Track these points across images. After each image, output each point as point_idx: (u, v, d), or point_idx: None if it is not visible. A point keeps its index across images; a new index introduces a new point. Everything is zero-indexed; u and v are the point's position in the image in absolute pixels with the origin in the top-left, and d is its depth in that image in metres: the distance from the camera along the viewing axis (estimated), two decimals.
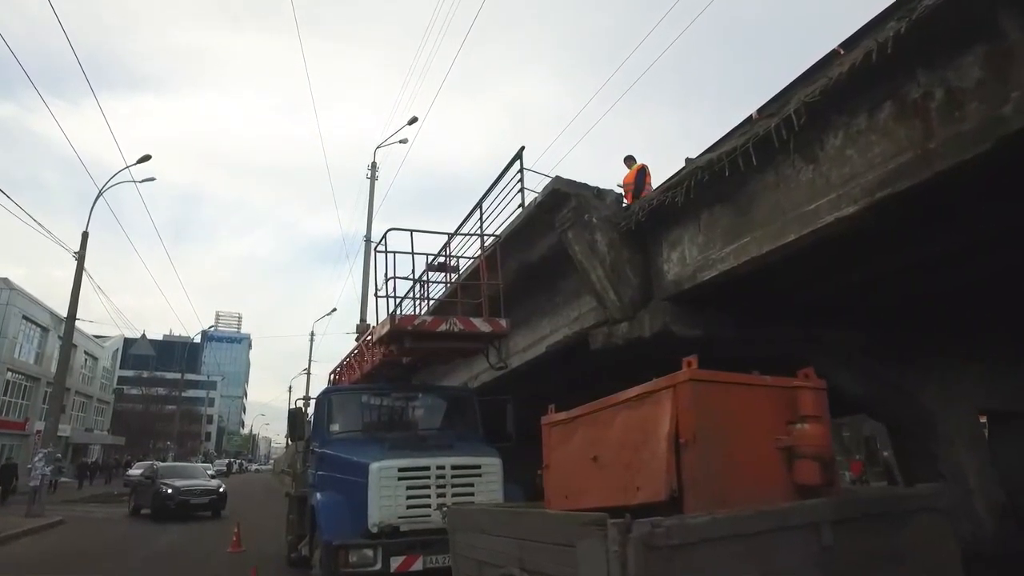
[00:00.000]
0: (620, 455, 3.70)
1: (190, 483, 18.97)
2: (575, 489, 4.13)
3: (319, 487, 7.60)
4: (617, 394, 3.90)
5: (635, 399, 3.70)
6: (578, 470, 4.12)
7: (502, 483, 7.05)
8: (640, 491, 3.41)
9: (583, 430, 4.18)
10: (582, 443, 4.15)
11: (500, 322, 6.77)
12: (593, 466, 3.94)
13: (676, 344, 7.98)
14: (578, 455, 4.16)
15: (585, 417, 4.18)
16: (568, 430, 4.36)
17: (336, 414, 8.15)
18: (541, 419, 4.73)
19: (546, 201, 8.40)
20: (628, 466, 3.59)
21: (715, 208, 7.24)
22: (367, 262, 26.65)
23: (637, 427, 3.59)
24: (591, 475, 3.96)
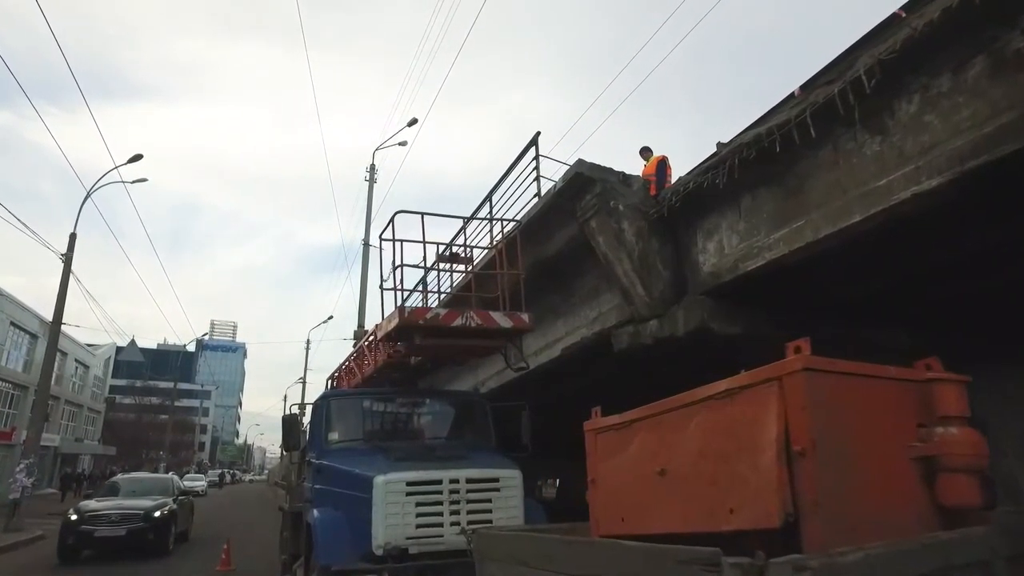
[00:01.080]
0: (700, 468, 2.94)
1: (111, 506, 12.64)
2: (634, 510, 3.37)
3: (316, 502, 6.80)
4: (690, 392, 3.14)
5: (720, 396, 2.94)
6: (638, 486, 3.35)
7: (522, 498, 6.28)
8: (735, 514, 2.65)
9: (643, 437, 3.42)
10: (642, 453, 3.39)
11: (522, 317, 6.03)
12: (659, 481, 3.17)
13: (713, 343, 7.25)
14: (637, 467, 3.39)
15: (646, 421, 3.42)
16: (621, 437, 3.60)
17: (335, 421, 7.35)
18: (584, 424, 3.96)
19: (567, 187, 7.67)
20: (713, 482, 2.83)
21: (759, 191, 6.52)
22: (365, 266, 25.96)
23: (725, 432, 2.84)
24: (657, 492, 3.19)
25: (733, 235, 6.83)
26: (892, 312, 7.83)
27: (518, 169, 8.86)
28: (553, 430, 8.57)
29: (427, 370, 7.77)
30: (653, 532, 3.15)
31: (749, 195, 6.64)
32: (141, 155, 21.71)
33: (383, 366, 7.47)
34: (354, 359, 9.47)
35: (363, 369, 8.75)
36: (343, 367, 10.90)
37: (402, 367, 7.65)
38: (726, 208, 6.94)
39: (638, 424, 3.48)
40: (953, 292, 7.21)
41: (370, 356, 8.27)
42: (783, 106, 6.89)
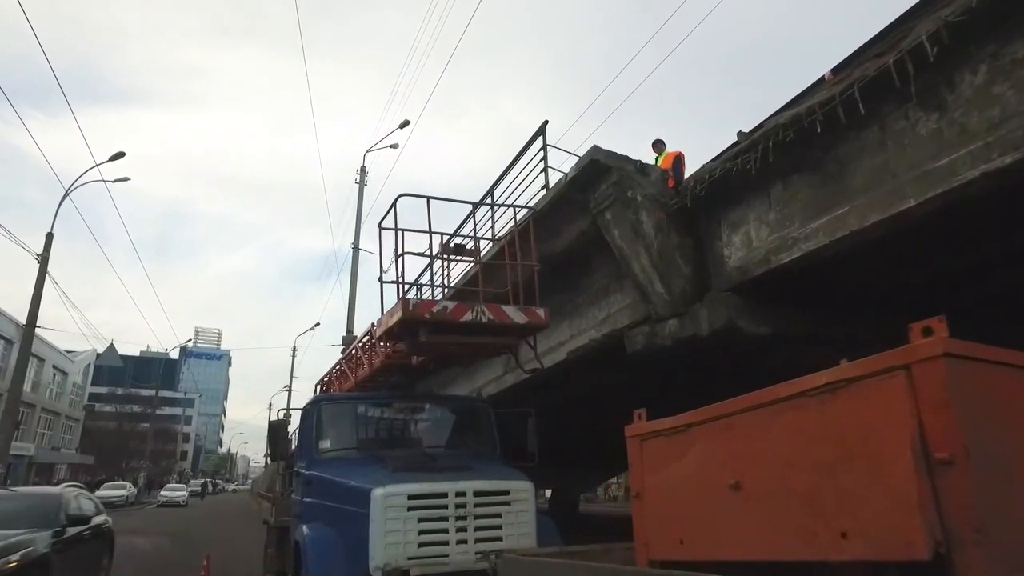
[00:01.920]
0: (791, 481, 2.38)
1: None
2: (697, 530, 2.80)
3: (305, 517, 6.17)
4: (769, 390, 2.58)
5: (816, 393, 2.37)
6: (701, 502, 2.79)
7: (535, 513, 5.69)
8: (851, 540, 2.09)
9: (706, 443, 2.85)
10: (706, 462, 2.82)
11: (537, 312, 5.46)
12: (732, 497, 2.61)
13: (738, 344, 6.73)
14: (699, 480, 2.83)
15: (710, 425, 2.85)
16: (676, 444, 3.03)
17: (327, 428, 6.72)
18: (626, 429, 3.39)
19: (581, 176, 7.14)
20: (812, 499, 2.27)
21: (792, 179, 6.02)
22: (355, 270, 25.32)
23: (826, 436, 2.28)
24: (728, 511, 2.63)
25: (762, 227, 6.32)
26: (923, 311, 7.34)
27: (523, 161, 8.33)
28: (542, 438, 8.06)
29: (429, 371, 7.17)
30: (724, 559, 2.58)
31: (780, 183, 6.14)
32: (123, 152, 20.97)
33: (380, 368, 6.87)
34: (346, 362, 8.84)
35: (358, 372, 8.13)
36: (334, 371, 10.27)
37: (401, 369, 7.04)
38: (754, 198, 6.44)
39: (699, 428, 2.91)
40: (1008, 287, 6.73)
41: (365, 358, 7.66)
42: (812, 92, 6.41)
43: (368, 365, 7.37)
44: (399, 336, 5.45)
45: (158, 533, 19.34)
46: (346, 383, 8.94)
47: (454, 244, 6.42)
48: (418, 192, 5.52)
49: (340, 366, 9.23)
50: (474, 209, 6.35)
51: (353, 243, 25.60)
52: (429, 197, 5.56)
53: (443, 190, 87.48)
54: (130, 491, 37.00)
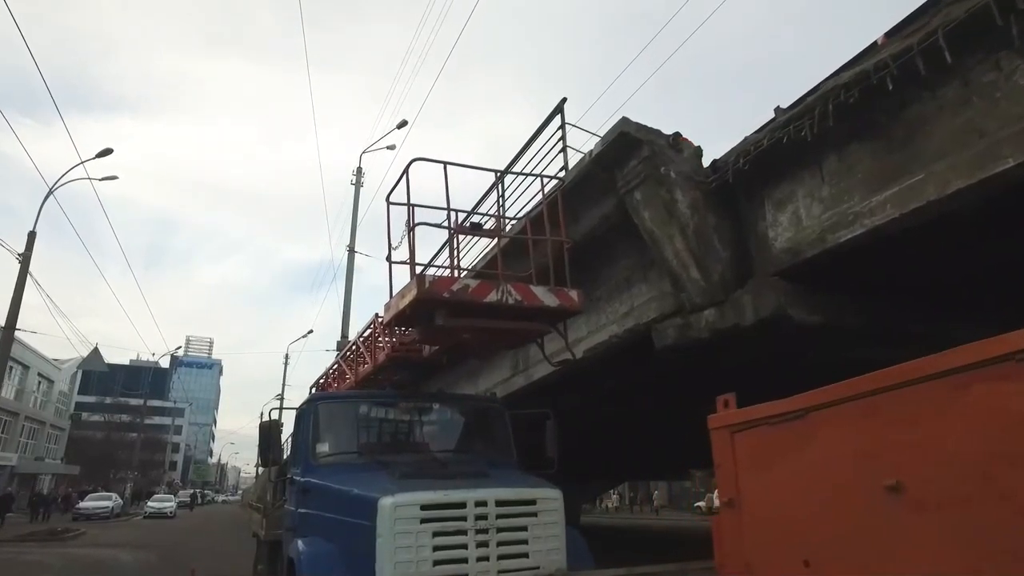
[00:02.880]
0: (996, 482, 1.69)
1: None
2: (833, 548, 2.10)
3: (300, 530, 5.44)
4: (931, 359, 1.90)
5: (1018, 358, 1.70)
6: (838, 510, 2.10)
7: (564, 526, 4.98)
8: None
9: (840, 431, 2.17)
10: (839, 456, 2.14)
11: (570, 294, 4.78)
12: (888, 503, 1.92)
13: (785, 336, 6.05)
14: (831, 480, 2.14)
15: (844, 406, 2.16)
16: (787, 435, 2.35)
17: (325, 430, 6.00)
18: (709, 420, 2.71)
19: (608, 151, 6.46)
20: None
21: (849, 148, 5.36)
22: (350, 274, 24.58)
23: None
24: (884, 521, 1.94)
25: (814, 203, 5.66)
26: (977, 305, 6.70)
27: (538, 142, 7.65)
28: None
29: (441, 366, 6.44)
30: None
31: (835, 155, 5.48)
32: (111, 149, 20.23)
33: (385, 363, 6.14)
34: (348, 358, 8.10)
35: (357, 370, 7.40)
36: (331, 371, 9.54)
37: (407, 365, 6.32)
38: (803, 172, 5.78)
39: (824, 413, 2.22)
40: None
41: (367, 353, 6.93)
42: (866, 56, 5.76)
43: (371, 360, 6.64)
44: (411, 321, 4.73)
45: (143, 546, 18.44)
46: (344, 383, 8.21)
47: (470, 223, 5.73)
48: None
49: (338, 364, 8.49)
50: (499, 179, 5.65)
51: (349, 246, 24.91)
52: (446, 163, 4.89)
53: (438, 197, 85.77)
54: (116, 502, 35.89)
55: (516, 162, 7.73)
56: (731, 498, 2.54)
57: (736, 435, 2.59)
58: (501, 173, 5.68)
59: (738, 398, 2.59)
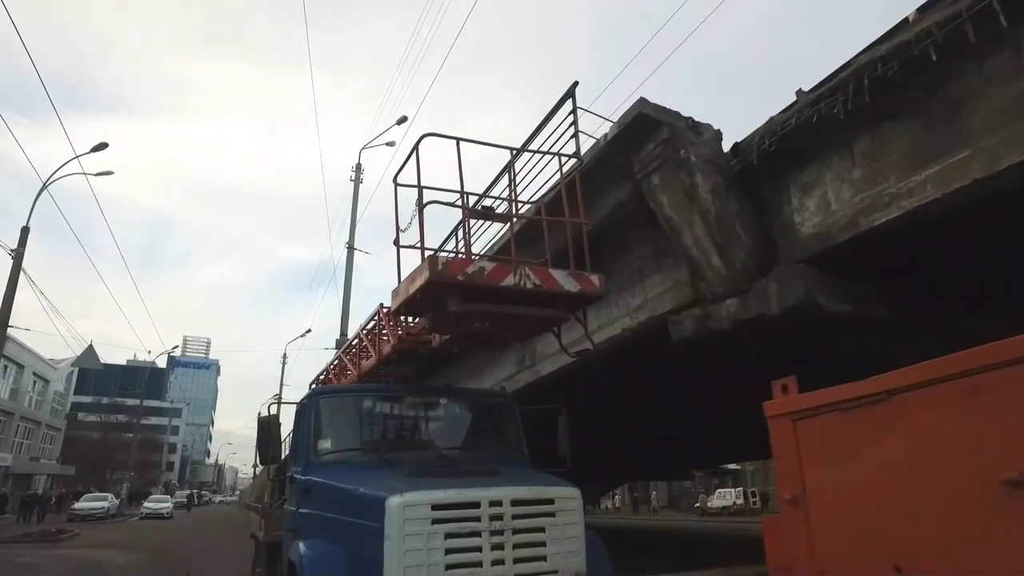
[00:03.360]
0: None
1: None
2: (934, 551, 1.80)
3: (301, 532, 5.13)
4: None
5: None
6: (937, 507, 1.79)
7: (583, 527, 4.68)
8: None
9: (932, 417, 1.86)
10: (935, 445, 1.83)
11: (591, 278, 4.48)
12: (1008, 499, 1.61)
13: (811, 327, 5.76)
14: (926, 473, 1.84)
15: (936, 388, 1.86)
16: (865, 421, 2.04)
17: (327, 426, 5.69)
18: (766, 407, 2.40)
19: (624, 134, 6.16)
20: None
21: (883, 127, 5.07)
22: (349, 271, 24.27)
23: None
24: (1003, 520, 1.64)
25: (843, 186, 5.36)
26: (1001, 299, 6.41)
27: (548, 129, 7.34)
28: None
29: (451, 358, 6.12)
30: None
31: (867, 134, 5.19)
32: (106, 144, 19.88)
33: (392, 354, 5.82)
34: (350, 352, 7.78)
35: (360, 364, 7.08)
36: (332, 367, 9.23)
37: (413, 358, 6.01)
38: (831, 154, 5.49)
39: (917, 395, 1.92)
40: None
41: (371, 347, 6.61)
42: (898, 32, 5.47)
43: (375, 353, 6.32)
44: (421, 308, 4.42)
45: (138, 548, 18.08)
46: (346, 379, 7.90)
47: (482, 207, 5.42)
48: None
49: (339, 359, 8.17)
50: (514, 157, 5.33)
51: (348, 243, 24.62)
52: (458, 138, 4.58)
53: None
54: (111, 503, 35.49)
55: (526, 147, 7.43)
56: (794, 495, 2.24)
57: (800, 423, 2.29)
58: (517, 151, 5.36)
59: (751, 395, 2.31)
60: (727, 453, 27.95)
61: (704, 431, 18.34)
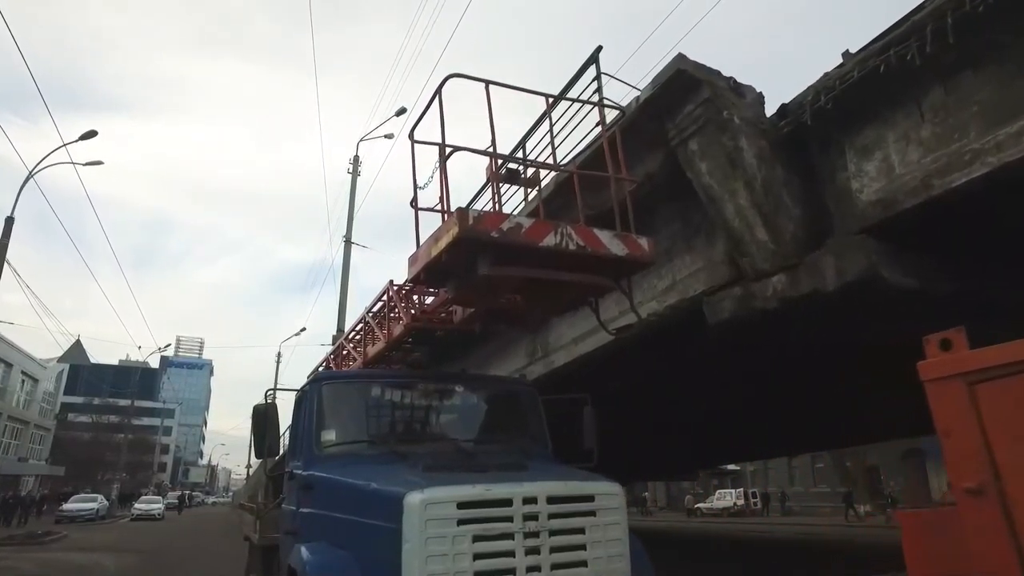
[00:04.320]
0: None
1: None
2: None
3: (303, 534, 4.55)
4: None
5: None
6: None
7: (627, 528, 4.12)
8: None
9: None
10: None
11: (639, 241, 3.91)
12: None
13: (871, 305, 5.19)
14: None
15: None
16: None
17: (331, 415, 5.11)
18: (920, 369, 1.82)
19: (660, 95, 5.59)
20: None
21: (959, 78, 4.51)
22: (347, 265, 23.68)
23: None
24: None
25: (910, 147, 4.80)
26: None
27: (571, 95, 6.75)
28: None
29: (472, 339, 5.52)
30: None
31: (938, 88, 4.63)
32: (95, 132, 19.23)
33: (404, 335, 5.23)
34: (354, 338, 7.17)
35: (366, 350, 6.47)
36: (332, 356, 8.62)
37: (429, 338, 5.42)
38: (894, 113, 4.93)
39: None
40: None
41: (379, 329, 6.01)
42: None
43: (383, 336, 5.71)
44: (445, 273, 3.82)
45: (127, 550, 17.41)
46: (350, 367, 7.29)
47: (506, 169, 4.83)
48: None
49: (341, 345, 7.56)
50: (552, 105, 4.72)
51: (345, 236, 24.02)
52: (488, 81, 4.00)
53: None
54: (101, 504, 34.70)
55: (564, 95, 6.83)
56: (980, 483, 1.67)
57: (979, 387, 1.73)
58: (555, 98, 4.77)
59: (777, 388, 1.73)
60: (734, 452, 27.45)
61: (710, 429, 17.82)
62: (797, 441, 21.66)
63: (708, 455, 26.48)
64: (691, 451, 23.41)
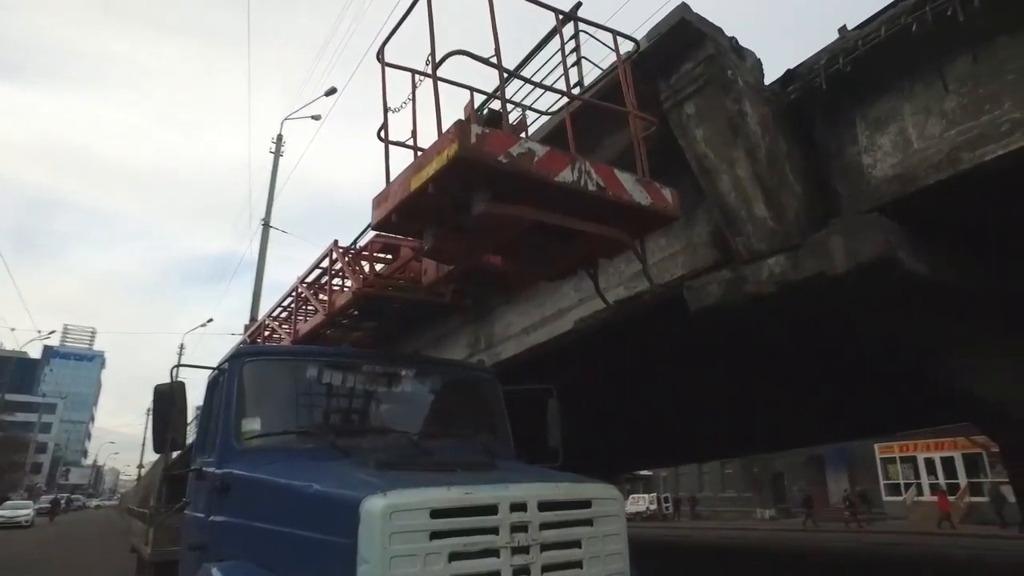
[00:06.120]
0: None
1: None
2: None
3: (215, 549, 3.57)
4: None
5: None
6: None
7: (627, 539, 3.43)
8: None
9: None
10: None
11: (663, 192, 3.21)
12: None
13: (878, 292, 4.75)
14: None
15: None
16: None
17: (256, 401, 4.14)
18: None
19: (656, 50, 4.94)
20: None
21: (991, 44, 4.13)
22: (263, 250, 21.97)
23: None
24: None
25: (931, 120, 4.39)
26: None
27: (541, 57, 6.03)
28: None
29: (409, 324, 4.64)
30: None
31: (967, 55, 4.24)
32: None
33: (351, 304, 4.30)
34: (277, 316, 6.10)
35: (297, 328, 5.45)
36: (248, 339, 7.46)
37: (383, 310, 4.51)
38: (912, 83, 4.52)
39: None
40: None
41: (316, 301, 5.03)
42: None
43: (324, 306, 4.74)
44: (425, 213, 2.96)
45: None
46: None
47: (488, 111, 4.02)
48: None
49: (266, 324, 6.45)
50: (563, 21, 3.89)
51: (264, 220, 22.34)
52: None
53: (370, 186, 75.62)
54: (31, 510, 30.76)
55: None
56: None
57: None
58: (566, 14, 3.97)
59: None
60: (652, 457, 27.62)
61: (637, 433, 17.63)
62: (713, 448, 21.91)
63: (628, 460, 26.47)
64: (612, 455, 23.26)
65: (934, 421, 16.05)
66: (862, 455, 28.90)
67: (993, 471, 23.15)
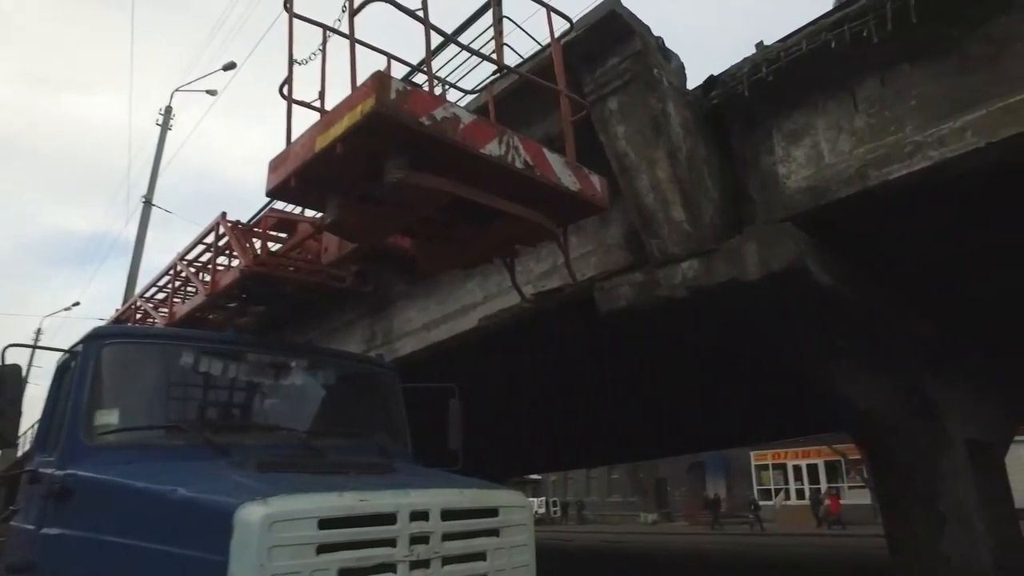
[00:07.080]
0: None
1: None
2: None
3: (48, 569, 2.98)
4: None
5: None
6: None
7: (534, 553, 3.20)
8: None
9: None
10: None
11: (592, 179, 3.00)
12: None
13: (786, 302, 4.83)
14: None
15: None
16: None
17: (115, 389, 3.59)
18: None
19: (583, 41, 4.78)
20: None
21: (898, 70, 4.30)
22: (143, 229, 20.07)
23: None
24: None
25: (842, 136, 4.52)
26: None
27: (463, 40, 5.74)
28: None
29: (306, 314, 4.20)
30: None
31: (876, 77, 4.40)
32: None
33: (238, 284, 3.81)
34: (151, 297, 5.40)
35: (173, 311, 4.83)
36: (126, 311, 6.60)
37: (271, 294, 4.03)
38: (825, 100, 4.65)
39: None
40: None
41: (197, 281, 4.45)
42: None
43: (207, 287, 4.19)
44: (331, 178, 2.58)
45: None
46: None
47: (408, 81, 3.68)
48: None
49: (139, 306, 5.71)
50: None
51: (145, 196, 20.45)
52: None
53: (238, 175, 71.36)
54: None
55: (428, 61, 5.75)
56: None
57: None
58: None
59: None
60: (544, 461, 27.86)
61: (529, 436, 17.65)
62: (603, 453, 22.42)
63: (519, 463, 26.55)
64: (503, 458, 23.21)
65: (809, 430, 17.21)
66: (739, 462, 30.67)
67: (848, 477, 25.53)
